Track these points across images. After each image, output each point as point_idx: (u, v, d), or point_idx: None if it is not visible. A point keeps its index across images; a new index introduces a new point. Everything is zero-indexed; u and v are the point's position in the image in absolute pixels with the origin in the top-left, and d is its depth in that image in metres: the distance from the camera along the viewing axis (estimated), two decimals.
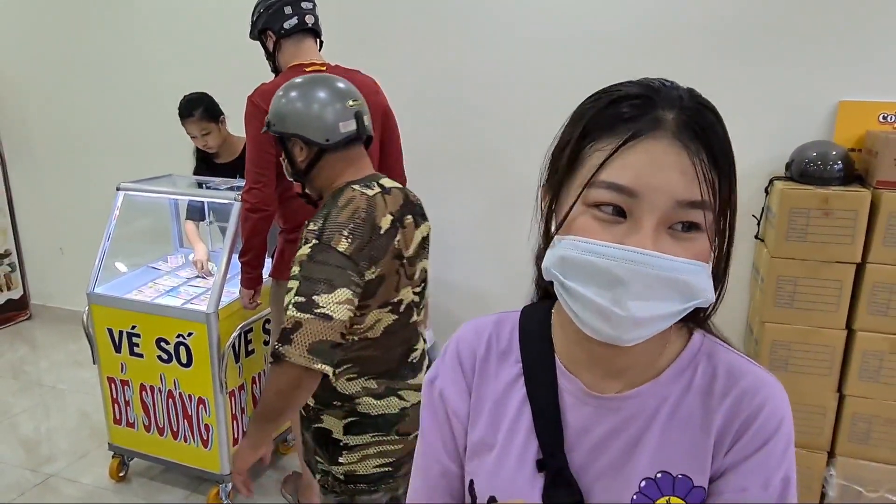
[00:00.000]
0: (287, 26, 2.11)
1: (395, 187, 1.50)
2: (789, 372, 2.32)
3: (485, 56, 2.91)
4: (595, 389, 0.70)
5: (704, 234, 0.61)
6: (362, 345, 1.41)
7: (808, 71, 2.48)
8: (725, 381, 0.68)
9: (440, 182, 2.99)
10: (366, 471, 1.47)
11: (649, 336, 0.62)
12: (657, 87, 0.63)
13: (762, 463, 0.65)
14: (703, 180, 0.59)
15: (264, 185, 2.05)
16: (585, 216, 0.62)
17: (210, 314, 2.27)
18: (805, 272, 2.24)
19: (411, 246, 1.47)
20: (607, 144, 0.61)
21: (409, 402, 1.48)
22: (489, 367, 0.78)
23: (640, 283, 0.58)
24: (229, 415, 2.41)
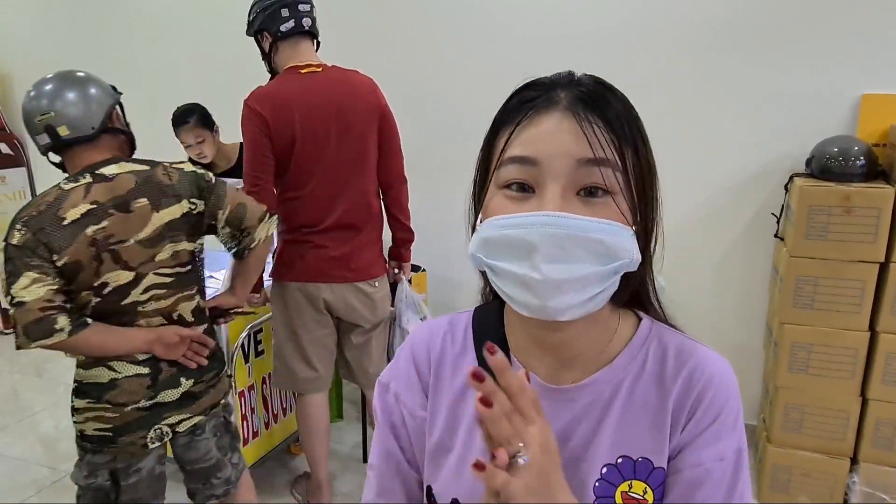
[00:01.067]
0: (283, 29, 2.09)
1: (126, 173, 1.56)
2: (810, 375, 2.25)
3: (483, 54, 2.89)
4: (551, 382, 0.71)
5: (617, 195, 0.62)
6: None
7: (830, 64, 2.39)
8: (675, 361, 0.70)
9: (440, 181, 2.95)
10: (89, 432, 1.61)
11: (581, 304, 0.61)
12: (554, 76, 0.67)
13: (715, 436, 0.67)
14: (599, 139, 0.61)
15: (262, 187, 2.06)
16: (499, 197, 0.64)
17: None
18: (826, 272, 2.16)
19: (145, 229, 1.55)
20: (510, 129, 0.65)
21: (121, 373, 1.59)
22: (445, 368, 0.77)
23: (552, 245, 0.59)
24: (239, 415, 2.42)
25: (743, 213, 2.62)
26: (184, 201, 1.62)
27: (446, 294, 3.08)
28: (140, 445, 1.63)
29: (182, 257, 1.63)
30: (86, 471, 1.64)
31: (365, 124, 2.15)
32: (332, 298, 2.21)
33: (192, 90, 3.52)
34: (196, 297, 1.71)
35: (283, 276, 2.22)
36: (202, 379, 1.73)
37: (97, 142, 1.59)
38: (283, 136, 2.05)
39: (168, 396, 1.66)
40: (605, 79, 0.68)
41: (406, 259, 2.44)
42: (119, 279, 1.54)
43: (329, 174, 2.12)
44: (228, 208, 1.69)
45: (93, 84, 1.61)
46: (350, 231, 2.19)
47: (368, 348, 2.36)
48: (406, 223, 2.37)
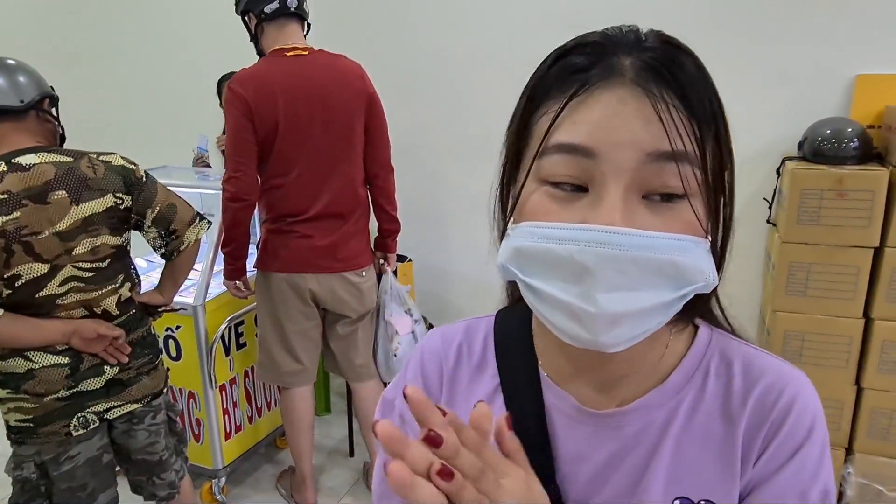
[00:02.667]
0: (268, 10, 2.04)
1: (46, 163, 1.50)
2: (803, 364, 2.19)
3: (474, 36, 2.81)
4: (590, 405, 0.59)
5: (694, 197, 0.49)
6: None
7: (823, 43, 2.32)
8: (744, 380, 0.57)
9: (434, 169, 2.90)
10: (12, 422, 1.58)
11: (638, 337, 0.50)
12: (611, 33, 0.53)
13: (796, 473, 0.54)
14: (675, 127, 0.48)
15: (244, 173, 2.00)
16: (539, 194, 0.51)
17: (197, 307, 2.22)
18: (818, 258, 2.10)
19: (61, 222, 1.49)
20: (555, 105, 0.51)
21: (37, 363, 1.55)
22: (460, 382, 0.66)
23: (611, 270, 0.47)
24: (220, 409, 2.37)
25: (736, 198, 2.55)
26: (108, 195, 1.56)
27: (433, 284, 3.03)
28: (63, 434, 1.59)
29: (102, 251, 1.58)
30: (13, 463, 1.62)
31: (352, 111, 2.10)
32: (318, 289, 2.16)
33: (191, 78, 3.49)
34: (120, 290, 1.65)
35: (267, 267, 2.17)
36: (130, 366, 1.68)
37: (23, 121, 1.54)
38: (266, 120, 1.99)
39: (91, 385, 1.62)
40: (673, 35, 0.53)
41: (392, 250, 2.38)
42: (32, 271, 1.49)
43: (314, 161, 2.07)
44: (158, 208, 1.65)
45: (23, 72, 1.57)
46: (336, 220, 2.14)
47: (354, 339, 2.31)
48: (393, 213, 2.32)
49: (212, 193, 2.56)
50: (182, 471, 1.90)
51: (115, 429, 1.72)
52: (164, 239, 1.70)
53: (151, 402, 1.75)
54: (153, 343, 1.78)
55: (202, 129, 3.19)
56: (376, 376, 2.40)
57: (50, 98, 1.62)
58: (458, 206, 2.95)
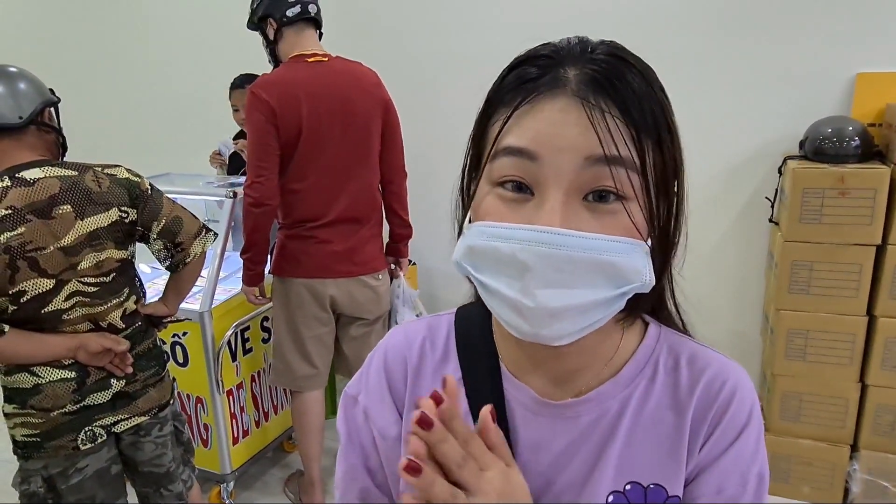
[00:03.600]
0: (290, 14, 2.05)
1: (51, 177, 1.48)
2: (808, 362, 2.20)
3: (477, 42, 2.83)
4: (547, 397, 0.62)
5: (631, 201, 0.52)
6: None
7: (823, 41, 2.33)
8: (690, 371, 0.62)
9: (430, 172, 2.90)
10: (19, 437, 1.57)
11: (582, 331, 0.53)
12: (562, 45, 0.56)
13: (737, 457, 0.59)
14: (610, 134, 0.50)
15: (266, 178, 2.00)
16: (491, 196, 0.55)
17: (203, 313, 2.24)
18: (821, 256, 2.11)
19: (66, 237, 1.48)
20: (506, 113, 0.54)
21: (44, 378, 1.54)
22: (423, 378, 0.68)
23: (549, 268, 0.50)
24: (228, 414, 2.39)
25: (736, 198, 2.56)
26: (113, 209, 1.54)
27: (436, 287, 3.04)
28: (70, 448, 1.58)
29: (107, 266, 1.56)
30: (20, 477, 1.60)
31: (370, 117, 2.11)
32: (337, 294, 2.17)
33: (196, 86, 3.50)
34: (126, 304, 1.64)
35: (286, 273, 2.17)
36: (136, 379, 1.67)
37: (23, 136, 1.52)
38: (290, 125, 2.00)
39: (98, 399, 1.60)
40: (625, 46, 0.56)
41: (404, 255, 2.40)
42: (38, 287, 1.47)
43: (333, 167, 2.08)
44: (163, 221, 1.63)
45: (23, 80, 1.54)
46: (354, 225, 2.15)
47: (368, 341, 2.32)
48: (406, 218, 2.34)
49: (215, 200, 2.59)
50: (190, 480, 1.90)
51: (123, 441, 1.71)
52: (169, 251, 1.69)
53: (158, 413, 1.74)
54: (159, 355, 1.77)
55: (204, 136, 3.20)
56: None
57: (51, 104, 1.60)
58: None
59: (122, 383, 1.65)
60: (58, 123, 1.65)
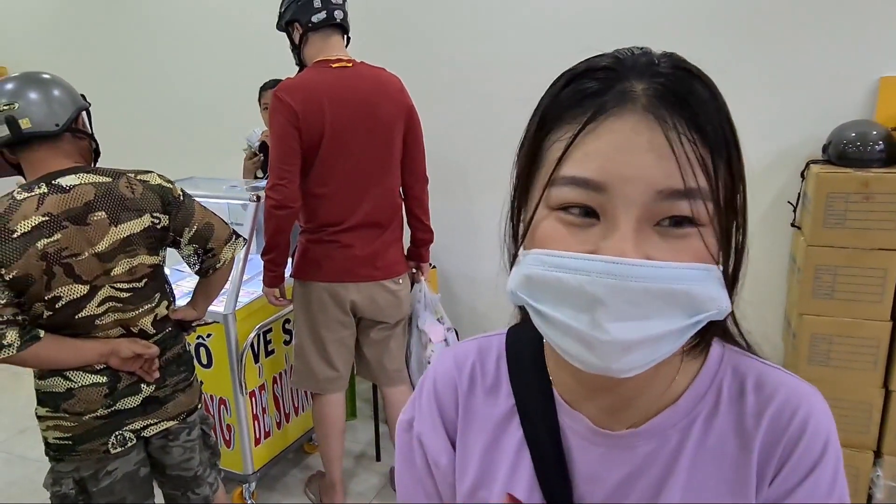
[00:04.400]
0: (315, 20, 2.07)
1: (86, 184, 1.50)
2: (831, 367, 2.18)
3: (498, 44, 2.84)
4: (603, 426, 0.59)
5: (705, 227, 0.49)
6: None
7: (846, 45, 2.32)
8: (757, 396, 0.57)
9: (452, 177, 2.93)
10: (51, 440, 1.60)
11: (651, 363, 0.50)
12: (623, 56, 0.52)
13: (812, 492, 0.54)
14: (689, 161, 0.47)
15: (289, 181, 2.02)
16: (550, 220, 0.51)
17: (227, 315, 2.27)
18: (845, 261, 2.10)
19: (101, 243, 1.50)
20: (566, 132, 0.50)
21: (76, 383, 1.56)
22: (475, 404, 0.66)
23: (622, 301, 0.47)
24: (250, 415, 2.41)
25: (758, 202, 2.55)
26: (146, 216, 1.56)
27: (456, 291, 3.05)
28: (101, 452, 1.60)
29: (139, 272, 1.58)
30: (51, 479, 1.62)
31: (393, 122, 2.13)
32: (358, 298, 2.19)
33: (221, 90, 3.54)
34: (157, 309, 1.66)
35: (307, 276, 2.19)
36: (166, 384, 1.69)
37: (59, 143, 1.54)
38: (312, 129, 2.02)
39: (128, 403, 1.62)
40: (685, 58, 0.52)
41: (425, 259, 2.42)
42: (73, 293, 1.49)
43: (355, 171, 2.10)
44: (195, 227, 1.65)
45: (58, 86, 1.56)
46: (376, 229, 2.17)
47: (388, 345, 2.34)
48: (427, 223, 2.35)
49: (238, 203, 2.62)
50: (216, 483, 1.91)
51: (152, 444, 1.73)
52: (199, 257, 1.70)
53: (186, 418, 1.76)
54: (188, 360, 1.79)
55: (228, 140, 3.24)
56: (408, 381, 2.43)
57: (83, 110, 1.62)
58: (481, 212, 2.98)
59: (152, 388, 1.66)
60: (90, 129, 1.67)
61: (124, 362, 1.58)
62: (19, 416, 3.23)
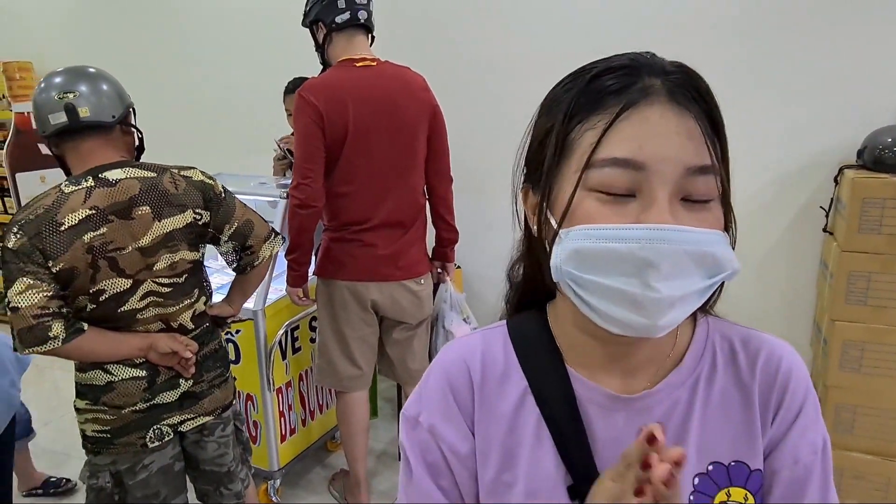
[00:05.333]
0: (339, 20, 2.08)
1: (131, 178, 1.52)
2: (862, 374, 2.17)
3: (518, 45, 2.84)
4: (620, 391, 0.65)
5: (715, 199, 0.57)
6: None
7: (881, 47, 2.30)
8: (746, 352, 0.66)
9: (475, 176, 2.93)
10: (89, 432, 1.60)
11: (681, 319, 0.57)
12: (635, 57, 0.59)
13: (804, 428, 0.64)
14: (707, 141, 0.56)
15: (313, 180, 2.03)
16: (590, 200, 0.57)
17: (257, 311, 2.28)
18: (879, 267, 2.08)
19: (144, 238, 1.51)
20: (598, 121, 0.57)
21: (116, 376, 1.57)
22: (489, 392, 0.67)
23: (669, 262, 0.54)
24: (277, 411, 2.42)
25: (789, 206, 2.53)
26: (188, 211, 1.58)
27: (481, 291, 3.05)
28: (139, 445, 1.61)
29: (179, 267, 1.59)
30: (88, 471, 1.64)
31: (417, 121, 2.13)
32: (379, 297, 2.19)
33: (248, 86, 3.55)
34: (196, 305, 1.67)
35: (330, 275, 2.20)
36: (203, 378, 1.70)
37: (110, 135, 1.56)
38: (336, 128, 2.02)
39: (166, 398, 1.64)
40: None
41: (451, 259, 2.42)
42: (116, 287, 1.50)
43: (379, 170, 2.10)
44: (235, 224, 1.66)
45: (106, 80, 1.59)
46: (398, 229, 2.18)
47: (411, 345, 2.34)
48: (452, 223, 2.35)
49: (267, 201, 2.63)
50: (248, 479, 1.92)
51: (186, 439, 1.74)
52: (238, 254, 1.71)
53: (221, 414, 1.77)
54: (224, 356, 1.80)
55: (257, 137, 3.25)
56: None
57: (131, 106, 1.64)
58: (507, 211, 2.97)
59: (190, 383, 1.68)
60: (136, 127, 1.69)
61: (162, 357, 1.59)
62: (43, 410, 3.25)
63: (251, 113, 3.56)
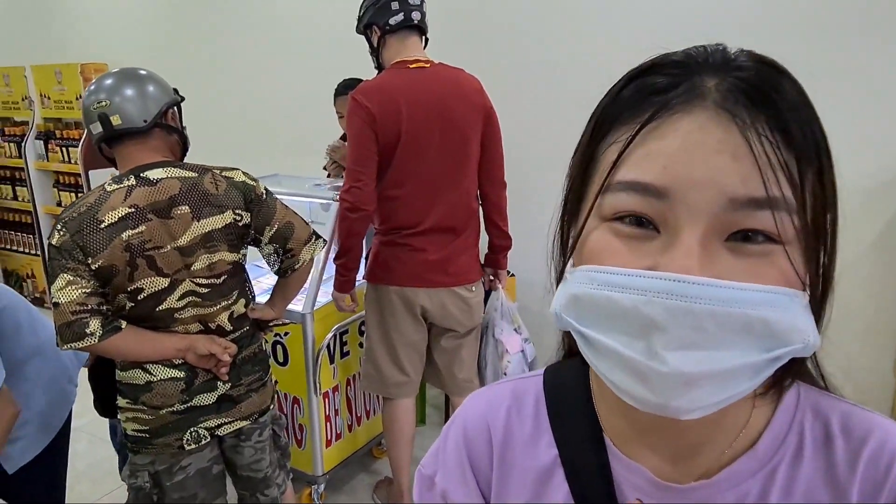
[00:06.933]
0: (392, 22, 2.05)
1: (172, 178, 1.53)
2: None
3: (583, 48, 2.74)
4: (667, 477, 0.50)
5: (790, 245, 0.42)
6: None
7: None
8: (846, 441, 0.49)
9: (530, 181, 2.84)
10: (129, 431, 1.61)
11: (718, 403, 0.42)
12: (696, 51, 0.45)
13: None
14: (770, 165, 0.40)
15: (364, 183, 2.00)
16: (602, 232, 0.45)
17: (305, 314, 2.26)
18: None
19: (182, 237, 1.51)
20: (624, 133, 0.44)
21: (155, 376, 1.57)
22: (512, 456, 0.57)
23: (686, 326, 0.40)
24: (323, 416, 2.40)
25: (875, 220, 2.34)
26: (228, 212, 1.57)
27: (534, 301, 2.96)
28: (176, 447, 1.61)
29: (218, 268, 1.59)
30: (128, 471, 1.65)
31: (470, 124, 2.08)
32: (428, 304, 2.14)
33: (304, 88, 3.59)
34: (234, 306, 1.66)
35: (379, 279, 2.16)
36: (241, 382, 1.69)
37: (148, 138, 1.57)
38: (389, 131, 1.99)
39: (204, 400, 1.63)
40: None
41: (503, 266, 2.35)
42: (154, 285, 1.51)
43: (430, 174, 2.06)
44: (276, 226, 1.65)
45: (151, 82, 1.59)
46: (449, 234, 2.12)
47: (459, 353, 2.28)
48: (505, 229, 2.28)
49: (320, 203, 2.62)
50: (284, 484, 1.90)
51: (224, 442, 1.74)
52: (279, 256, 1.70)
53: (259, 419, 1.76)
54: (263, 360, 1.78)
55: (313, 138, 3.26)
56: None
57: (174, 104, 1.64)
58: None
59: (227, 386, 1.67)
60: (180, 122, 1.69)
61: (200, 359, 1.59)
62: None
63: (307, 115, 3.58)
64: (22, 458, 1.72)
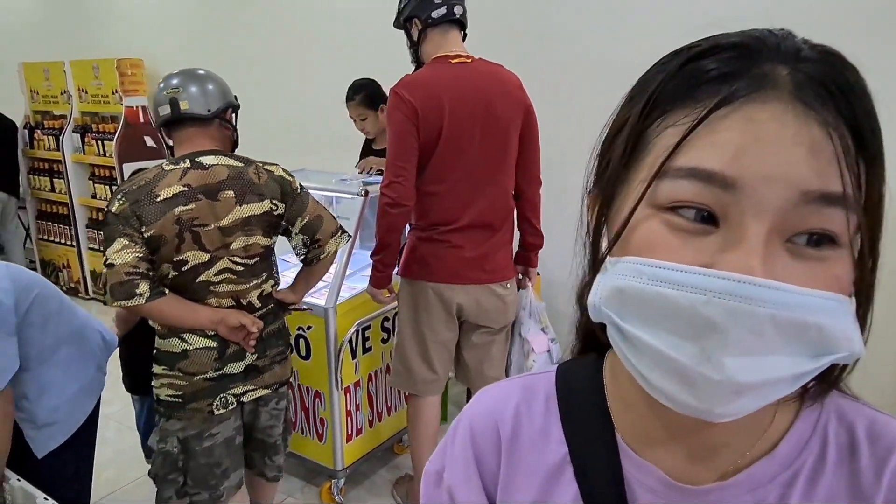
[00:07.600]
0: (435, 15, 2.03)
1: (222, 165, 1.68)
2: None
3: (629, 48, 2.68)
4: (681, 478, 0.48)
5: (845, 250, 0.40)
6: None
7: None
8: (872, 448, 0.47)
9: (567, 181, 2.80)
10: (164, 397, 1.73)
11: (758, 407, 0.40)
12: (760, 35, 0.42)
13: None
14: (845, 162, 0.38)
15: (405, 178, 1.98)
16: (654, 223, 0.42)
17: (328, 309, 2.26)
18: None
19: (225, 218, 1.66)
20: (685, 117, 0.41)
21: (192, 345, 1.71)
22: (520, 453, 0.55)
23: (746, 330, 0.37)
24: (344, 410, 2.40)
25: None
26: (266, 201, 1.72)
27: (560, 301, 2.92)
28: (206, 412, 1.74)
29: (253, 250, 1.73)
30: (158, 436, 1.77)
31: (510, 120, 2.06)
32: (465, 301, 2.13)
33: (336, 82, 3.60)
34: (264, 285, 1.80)
35: (415, 275, 2.14)
36: (266, 354, 1.83)
37: (208, 127, 1.75)
38: (431, 125, 1.97)
39: (234, 369, 1.77)
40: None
41: (534, 264, 2.32)
42: (197, 259, 1.65)
43: (470, 170, 2.04)
44: (307, 218, 1.80)
45: (218, 83, 1.79)
46: (486, 231, 2.10)
47: (489, 350, 2.26)
48: (538, 227, 2.25)
49: (346, 197, 2.62)
50: (281, 464, 2.05)
51: (244, 409, 1.87)
52: (307, 246, 1.84)
53: (279, 389, 1.90)
54: (286, 335, 1.93)
55: (341, 134, 3.27)
56: None
57: (232, 107, 1.82)
58: None
59: (254, 357, 1.81)
60: (235, 124, 1.86)
61: (231, 332, 1.72)
62: None
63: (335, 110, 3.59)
64: (50, 443, 1.76)
